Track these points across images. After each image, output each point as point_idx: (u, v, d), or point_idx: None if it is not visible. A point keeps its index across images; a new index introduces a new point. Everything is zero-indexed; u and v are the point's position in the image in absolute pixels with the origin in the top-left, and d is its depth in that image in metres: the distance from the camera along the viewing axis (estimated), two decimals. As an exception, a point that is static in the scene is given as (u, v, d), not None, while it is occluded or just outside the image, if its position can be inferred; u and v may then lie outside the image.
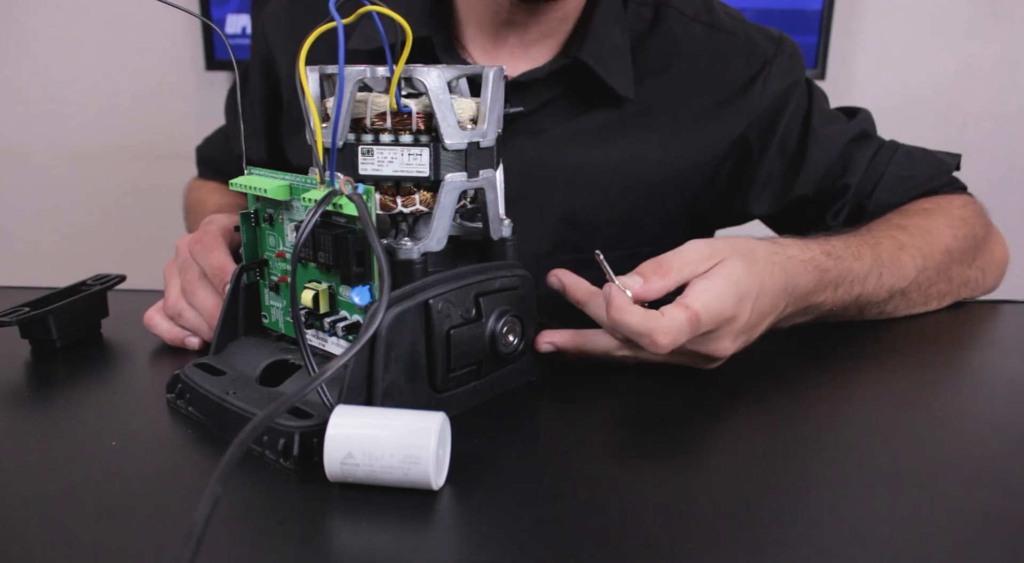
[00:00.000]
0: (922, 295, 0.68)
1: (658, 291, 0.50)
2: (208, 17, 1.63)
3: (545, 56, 0.75)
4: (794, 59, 0.79)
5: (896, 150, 0.78)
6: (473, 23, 0.74)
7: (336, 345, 0.48)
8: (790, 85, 0.78)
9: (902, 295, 0.66)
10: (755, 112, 0.78)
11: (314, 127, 0.44)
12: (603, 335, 0.54)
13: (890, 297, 0.65)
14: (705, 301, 0.49)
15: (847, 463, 0.44)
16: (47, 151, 1.75)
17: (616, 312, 0.48)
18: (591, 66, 0.72)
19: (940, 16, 1.60)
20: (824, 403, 0.52)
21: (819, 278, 0.59)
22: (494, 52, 0.75)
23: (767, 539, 0.37)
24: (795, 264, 0.57)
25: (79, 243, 1.79)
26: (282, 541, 0.36)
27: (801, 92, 0.79)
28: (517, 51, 0.75)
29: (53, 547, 0.36)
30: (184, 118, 1.68)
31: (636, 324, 0.47)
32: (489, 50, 0.75)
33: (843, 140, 0.77)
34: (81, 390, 0.54)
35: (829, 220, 0.77)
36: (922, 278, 0.67)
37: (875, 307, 0.66)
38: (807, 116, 0.78)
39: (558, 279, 0.55)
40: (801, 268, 0.57)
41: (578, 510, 0.39)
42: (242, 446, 0.31)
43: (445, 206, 0.47)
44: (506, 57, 0.75)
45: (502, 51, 0.75)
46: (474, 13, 0.74)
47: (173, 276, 0.60)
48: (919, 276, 0.66)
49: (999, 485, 0.42)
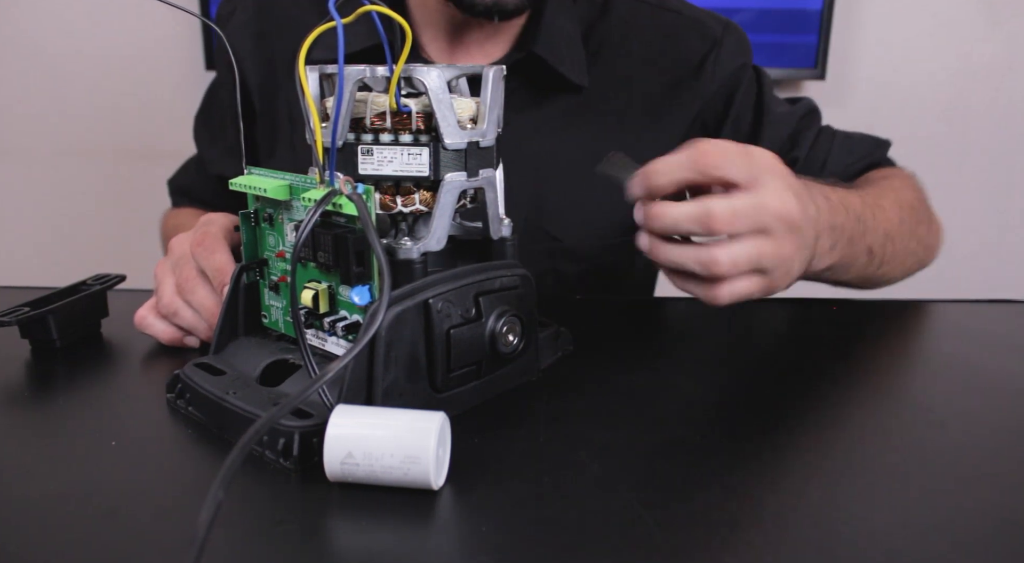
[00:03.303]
0: (902, 248, 0.69)
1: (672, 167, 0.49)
2: (208, 17, 1.63)
3: (501, 50, 0.79)
4: (742, 41, 0.82)
5: (836, 132, 0.83)
6: (430, 26, 0.78)
7: (336, 345, 0.48)
8: (740, 66, 0.81)
9: (890, 240, 0.66)
10: (708, 93, 0.80)
11: (314, 127, 0.44)
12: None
13: (885, 239, 0.65)
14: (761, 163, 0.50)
15: (848, 463, 0.44)
16: (47, 151, 1.75)
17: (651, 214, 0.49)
18: (545, 59, 0.75)
19: (940, 16, 1.60)
20: (824, 403, 0.52)
21: (838, 199, 0.59)
22: (451, 52, 0.79)
23: (767, 539, 0.37)
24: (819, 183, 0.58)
25: (79, 243, 1.79)
26: (282, 541, 0.36)
27: (751, 74, 0.82)
28: (473, 49, 0.78)
29: (53, 547, 0.36)
30: (184, 118, 1.67)
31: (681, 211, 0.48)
32: (446, 50, 0.79)
33: (794, 118, 0.81)
34: (81, 390, 0.54)
35: None
36: (901, 229, 0.68)
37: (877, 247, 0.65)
38: (759, 96, 0.81)
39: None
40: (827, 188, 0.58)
41: (578, 510, 0.39)
42: (243, 451, 0.31)
43: (445, 206, 0.47)
44: (463, 55, 0.78)
45: (459, 51, 0.78)
46: (430, 19, 0.77)
47: (167, 274, 0.59)
48: (900, 226, 0.67)
49: (999, 485, 0.42)
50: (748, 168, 0.49)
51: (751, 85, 0.82)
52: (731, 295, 0.50)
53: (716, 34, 0.81)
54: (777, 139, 0.80)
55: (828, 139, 0.81)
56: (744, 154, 0.49)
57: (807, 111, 0.82)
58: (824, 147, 0.81)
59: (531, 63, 0.76)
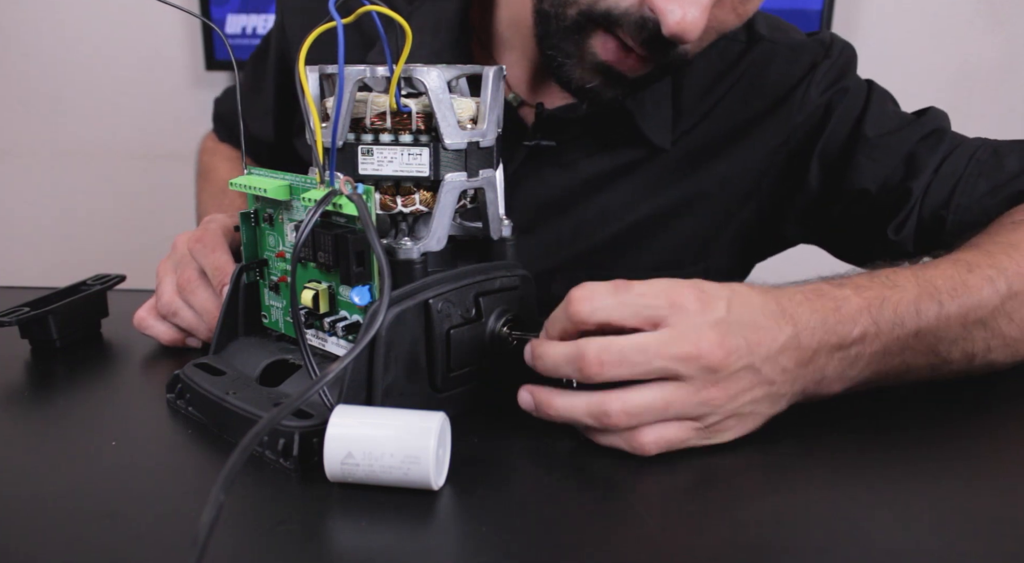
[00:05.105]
0: (1019, 327, 0.51)
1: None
2: (208, 17, 1.63)
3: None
4: (839, 62, 0.72)
5: (980, 147, 0.66)
6: (515, 51, 0.70)
7: (336, 345, 0.48)
8: (837, 90, 0.70)
9: (983, 327, 0.49)
10: (793, 124, 0.71)
11: (314, 127, 0.44)
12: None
13: (967, 332, 0.49)
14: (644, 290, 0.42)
15: (848, 464, 0.44)
16: (48, 151, 1.75)
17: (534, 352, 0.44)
18: (634, 116, 0.69)
19: (940, 16, 1.60)
20: (824, 403, 0.52)
21: (833, 307, 0.46)
22: (532, 86, 0.71)
23: (767, 540, 0.37)
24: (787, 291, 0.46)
25: (79, 243, 1.79)
26: (282, 541, 0.36)
27: (851, 96, 0.70)
28: (558, 86, 0.67)
29: (53, 547, 0.36)
30: (184, 118, 1.68)
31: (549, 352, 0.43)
32: (527, 82, 0.71)
33: (908, 143, 0.67)
34: (81, 390, 0.54)
35: (891, 234, 0.66)
36: (1012, 304, 0.50)
37: (953, 347, 0.49)
38: (858, 121, 0.69)
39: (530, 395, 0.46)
40: (799, 296, 0.46)
41: (578, 510, 0.39)
42: (245, 453, 0.31)
43: (445, 206, 0.47)
44: (544, 91, 0.71)
45: (542, 87, 0.71)
46: (518, 43, 0.70)
47: (168, 273, 0.59)
48: (1007, 301, 0.50)
49: (1000, 485, 0.42)
50: (635, 313, 0.42)
51: (849, 109, 0.70)
52: (658, 444, 0.42)
53: (813, 59, 0.71)
54: (879, 169, 0.67)
55: (960, 161, 0.65)
56: (621, 294, 0.42)
57: (932, 129, 0.67)
58: (953, 172, 0.64)
59: (615, 113, 0.69)
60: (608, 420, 0.42)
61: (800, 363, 0.44)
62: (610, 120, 0.70)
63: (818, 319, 0.45)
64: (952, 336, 0.49)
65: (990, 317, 0.49)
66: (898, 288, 0.48)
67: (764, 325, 0.43)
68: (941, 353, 0.49)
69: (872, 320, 0.46)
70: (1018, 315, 0.50)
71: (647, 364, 0.41)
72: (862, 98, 0.70)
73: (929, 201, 0.65)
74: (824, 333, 0.45)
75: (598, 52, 0.60)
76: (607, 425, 0.42)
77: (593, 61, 0.61)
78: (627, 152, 0.72)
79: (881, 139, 0.68)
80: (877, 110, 0.70)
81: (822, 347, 0.45)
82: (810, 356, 0.44)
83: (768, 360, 0.43)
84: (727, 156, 0.73)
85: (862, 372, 0.47)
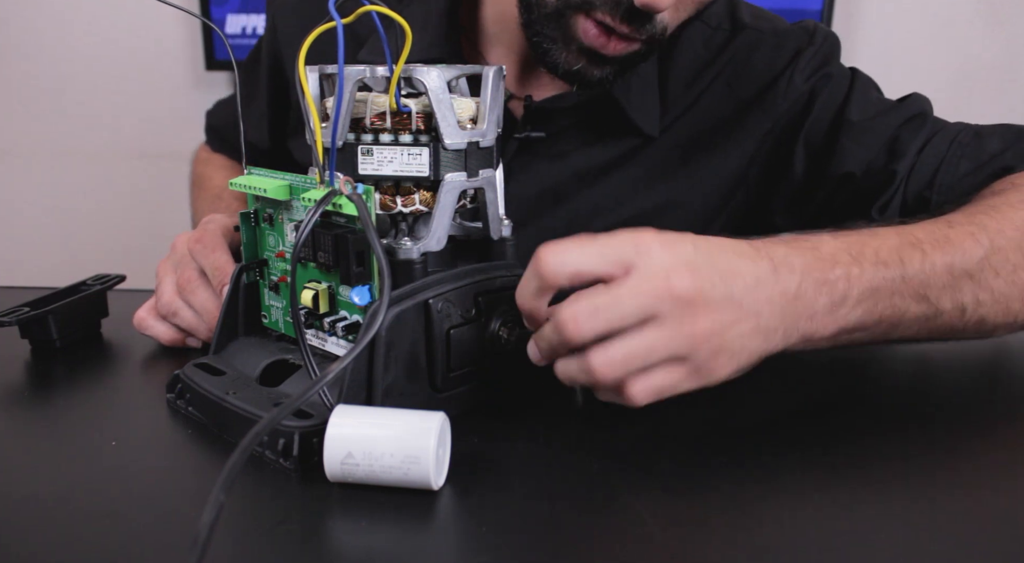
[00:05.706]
0: (1007, 282, 0.50)
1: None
2: (208, 17, 1.63)
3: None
4: (822, 49, 0.73)
5: (962, 130, 0.67)
6: (501, 46, 0.72)
7: (336, 345, 0.48)
8: (820, 76, 0.71)
9: (970, 278, 0.49)
10: (778, 112, 0.72)
11: (314, 127, 0.44)
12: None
13: (955, 281, 0.49)
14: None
15: (848, 463, 0.44)
16: (48, 151, 1.75)
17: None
18: (621, 103, 0.70)
19: (940, 16, 1.60)
20: (824, 402, 0.52)
21: (810, 246, 0.46)
22: (521, 77, 0.72)
23: (767, 539, 0.37)
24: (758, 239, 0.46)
25: (79, 243, 1.79)
26: (282, 541, 0.36)
27: (834, 82, 0.71)
28: (545, 79, 0.70)
29: (53, 547, 0.36)
30: (184, 118, 1.68)
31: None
32: (516, 75, 0.72)
33: (894, 123, 0.68)
34: (81, 390, 0.54)
35: (875, 215, 0.67)
36: (997, 259, 0.50)
37: (943, 294, 0.49)
38: (841, 106, 0.70)
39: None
40: (771, 241, 0.46)
41: (578, 510, 0.39)
42: (245, 453, 0.31)
43: (445, 206, 0.47)
44: (534, 84, 0.72)
45: (530, 79, 0.72)
46: (505, 39, 0.71)
47: (167, 273, 0.59)
48: (991, 256, 0.50)
49: (999, 485, 0.42)
50: (602, 257, 0.41)
51: (833, 95, 0.71)
52: (647, 392, 0.42)
53: (797, 46, 0.72)
54: (863, 152, 0.68)
55: (943, 143, 0.66)
56: (587, 245, 0.42)
57: (914, 113, 0.68)
58: (936, 153, 0.66)
59: (602, 102, 0.70)
60: (594, 375, 0.41)
61: (785, 295, 0.44)
62: (598, 110, 0.71)
63: (796, 254, 0.45)
64: (940, 283, 0.48)
65: (976, 270, 0.49)
66: (878, 236, 0.48)
67: (737, 261, 0.43)
68: (931, 299, 0.48)
69: (852, 259, 0.46)
70: (1004, 270, 0.50)
71: (620, 308, 0.40)
72: (846, 84, 0.71)
73: (913, 182, 0.66)
74: (804, 266, 0.44)
75: (580, 37, 0.61)
76: (597, 380, 0.41)
77: (577, 45, 0.62)
78: (617, 143, 0.73)
79: (865, 123, 0.68)
80: (860, 96, 0.70)
81: (805, 279, 0.44)
82: (795, 289, 0.44)
83: (748, 291, 0.42)
84: (716, 146, 0.74)
85: (853, 310, 0.46)
